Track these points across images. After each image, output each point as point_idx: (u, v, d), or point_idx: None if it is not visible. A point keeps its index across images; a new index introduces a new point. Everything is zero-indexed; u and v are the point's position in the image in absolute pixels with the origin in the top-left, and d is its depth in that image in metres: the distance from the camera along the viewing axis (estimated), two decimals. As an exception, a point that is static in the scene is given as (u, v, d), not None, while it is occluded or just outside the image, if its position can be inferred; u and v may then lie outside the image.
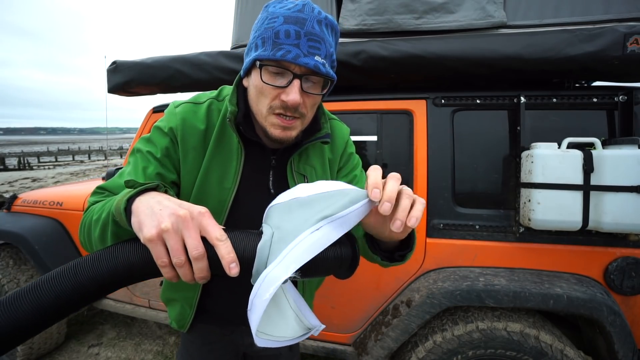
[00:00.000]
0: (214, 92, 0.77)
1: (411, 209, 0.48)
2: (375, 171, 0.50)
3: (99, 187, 0.66)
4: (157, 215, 0.41)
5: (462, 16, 1.39)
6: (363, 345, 1.44)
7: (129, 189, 0.49)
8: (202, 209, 0.43)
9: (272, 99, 0.62)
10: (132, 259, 0.42)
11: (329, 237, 0.45)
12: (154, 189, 0.49)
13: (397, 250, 0.64)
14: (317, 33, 0.59)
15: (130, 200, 0.46)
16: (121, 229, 0.48)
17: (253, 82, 0.65)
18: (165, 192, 0.50)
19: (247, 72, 0.68)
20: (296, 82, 0.60)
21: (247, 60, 0.65)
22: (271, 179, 0.76)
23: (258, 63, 0.61)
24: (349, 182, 0.84)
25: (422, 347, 1.28)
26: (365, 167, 1.57)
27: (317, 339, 1.60)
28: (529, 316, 1.27)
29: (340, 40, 1.49)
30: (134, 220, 0.43)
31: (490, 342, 1.21)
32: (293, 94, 0.59)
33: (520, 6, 1.40)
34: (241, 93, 0.72)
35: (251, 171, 0.74)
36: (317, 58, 0.59)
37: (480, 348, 1.23)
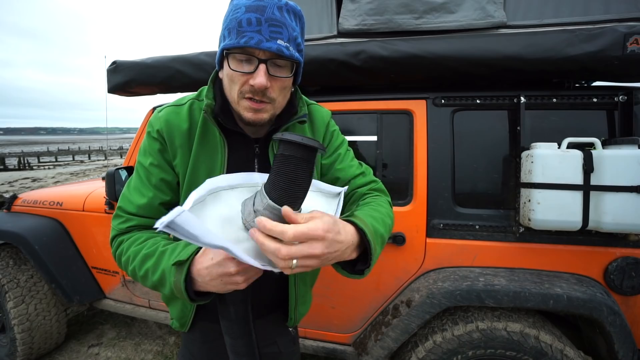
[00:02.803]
0: (194, 94, 0.80)
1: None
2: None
3: (118, 209, 0.75)
4: (218, 285, 0.59)
5: (462, 16, 1.39)
6: (363, 345, 1.44)
7: (178, 269, 0.61)
8: (218, 259, 0.57)
9: (241, 85, 0.66)
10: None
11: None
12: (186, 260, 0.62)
13: (358, 263, 0.68)
14: (277, 18, 0.62)
15: (186, 287, 0.61)
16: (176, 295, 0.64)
17: (225, 72, 0.69)
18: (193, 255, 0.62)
19: (221, 65, 0.71)
20: (262, 67, 0.63)
21: (217, 53, 0.69)
22: (257, 167, 0.78)
23: (225, 52, 0.65)
24: (334, 162, 0.87)
25: (422, 347, 1.28)
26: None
27: (317, 338, 1.60)
28: (529, 316, 1.27)
29: (340, 40, 1.49)
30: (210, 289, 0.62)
31: (490, 342, 1.21)
32: (259, 78, 0.63)
33: (520, 6, 1.40)
34: (218, 88, 0.76)
35: (237, 162, 0.76)
36: (279, 42, 0.62)
37: (480, 348, 1.23)
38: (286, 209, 0.52)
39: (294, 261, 0.50)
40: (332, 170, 0.86)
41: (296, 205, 0.56)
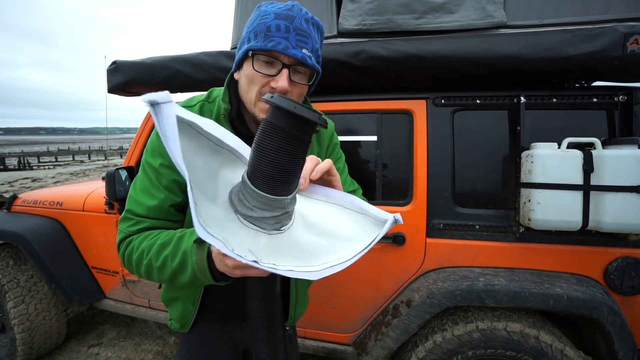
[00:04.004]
0: (203, 95, 0.80)
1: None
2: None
3: (127, 212, 0.72)
4: (227, 269, 0.55)
5: (462, 16, 1.39)
6: (363, 345, 1.44)
7: (200, 248, 0.59)
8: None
9: (261, 86, 0.67)
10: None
11: None
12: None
13: None
14: (304, 29, 0.65)
15: (210, 265, 0.58)
16: (200, 279, 0.61)
17: (245, 72, 0.70)
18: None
19: (239, 66, 0.72)
20: (285, 71, 0.65)
21: (239, 53, 0.69)
22: None
23: (250, 52, 0.66)
24: None
25: (422, 347, 1.28)
26: (365, 167, 1.57)
27: (317, 338, 1.60)
28: (529, 316, 1.27)
29: (340, 40, 1.49)
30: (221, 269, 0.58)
31: (490, 342, 1.21)
32: (282, 81, 0.65)
33: (520, 6, 1.40)
34: (232, 91, 0.76)
35: None
36: (304, 51, 0.65)
37: (480, 348, 1.23)
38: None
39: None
40: None
41: (277, 189, 0.47)
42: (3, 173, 13.33)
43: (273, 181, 0.46)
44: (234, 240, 0.46)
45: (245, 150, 0.59)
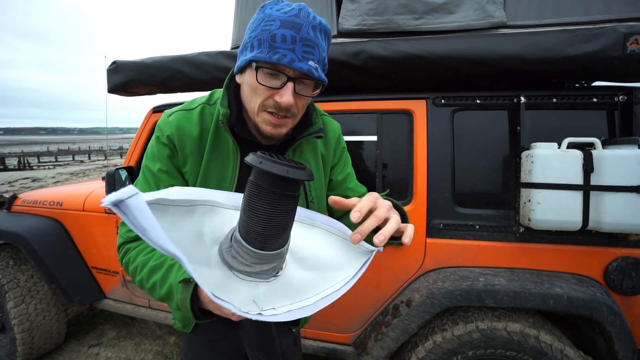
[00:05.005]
0: (204, 97, 0.78)
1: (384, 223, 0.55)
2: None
3: None
4: (213, 308, 0.58)
5: (461, 16, 1.39)
6: (363, 345, 1.44)
7: (185, 287, 0.60)
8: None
9: (265, 99, 0.64)
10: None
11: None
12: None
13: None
14: (311, 39, 0.61)
15: (192, 306, 0.60)
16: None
17: (247, 81, 0.67)
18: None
19: (241, 70, 0.69)
20: (290, 85, 0.62)
21: (242, 59, 0.66)
22: None
23: (254, 64, 0.62)
24: (343, 180, 0.88)
25: (422, 347, 1.28)
26: (365, 167, 1.56)
27: (317, 338, 1.60)
28: (529, 316, 1.27)
29: (340, 40, 1.49)
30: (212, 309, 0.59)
31: (490, 342, 1.21)
32: (286, 96, 0.62)
33: (520, 6, 1.40)
34: (232, 94, 0.74)
35: (249, 170, 0.75)
36: (310, 63, 0.61)
37: (480, 348, 1.23)
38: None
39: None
40: (342, 188, 0.87)
41: (274, 244, 0.48)
42: (3, 173, 13.33)
43: (268, 239, 0.46)
44: (237, 297, 0.47)
45: (219, 196, 0.59)
